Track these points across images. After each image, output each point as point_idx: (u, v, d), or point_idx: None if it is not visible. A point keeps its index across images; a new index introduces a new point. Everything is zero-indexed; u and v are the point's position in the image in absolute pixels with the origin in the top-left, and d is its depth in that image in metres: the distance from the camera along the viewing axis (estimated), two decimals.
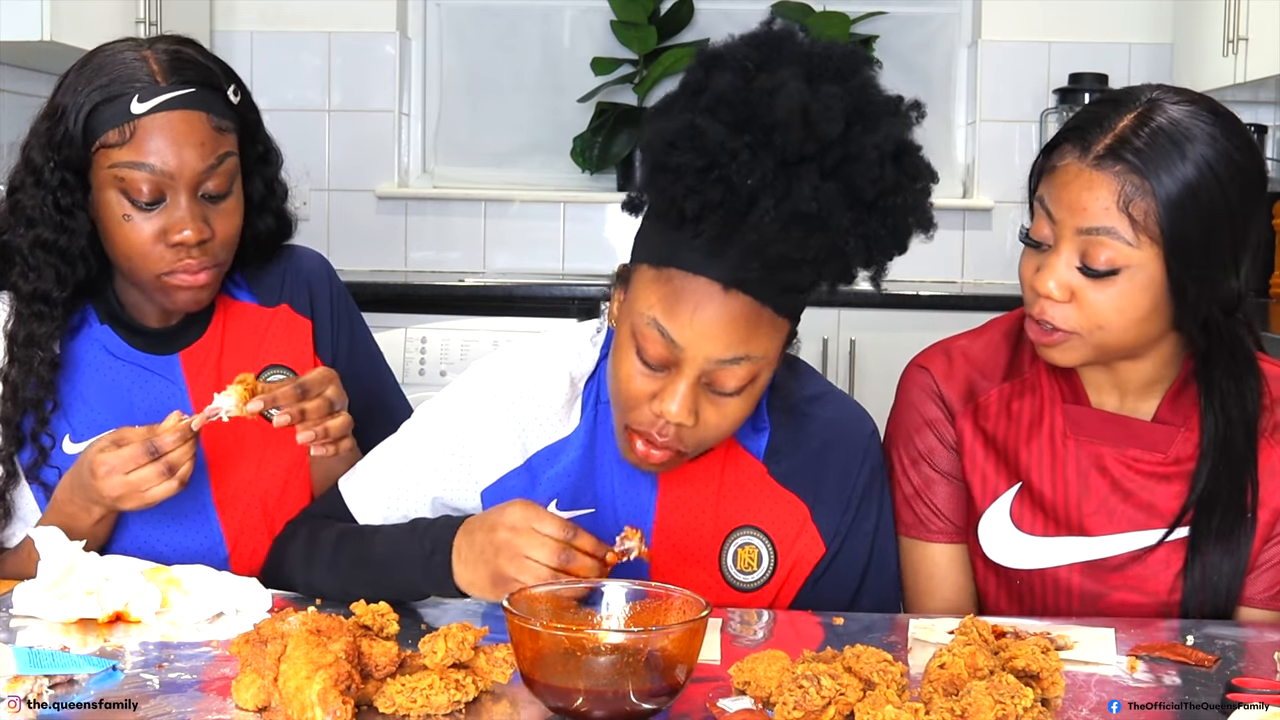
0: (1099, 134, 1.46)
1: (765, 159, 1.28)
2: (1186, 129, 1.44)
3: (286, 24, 4.28)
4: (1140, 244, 1.44)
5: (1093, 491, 1.59)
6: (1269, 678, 1.29)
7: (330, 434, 1.57)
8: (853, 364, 3.61)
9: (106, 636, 1.37)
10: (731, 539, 1.56)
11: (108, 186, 1.58)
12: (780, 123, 1.28)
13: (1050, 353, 1.53)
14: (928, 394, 1.65)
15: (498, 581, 1.37)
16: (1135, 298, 1.46)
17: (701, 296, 1.35)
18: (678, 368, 1.38)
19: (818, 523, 1.57)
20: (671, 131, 1.30)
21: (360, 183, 4.33)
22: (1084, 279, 1.47)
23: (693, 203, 1.29)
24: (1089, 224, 1.45)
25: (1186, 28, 4.02)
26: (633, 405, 1.42)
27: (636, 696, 1.13)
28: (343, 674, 1.12)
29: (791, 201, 1.27)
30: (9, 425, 1.62)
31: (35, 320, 1.63)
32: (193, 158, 1.57)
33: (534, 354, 1.60)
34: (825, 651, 1.24)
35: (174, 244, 1.58)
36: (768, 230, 1.27)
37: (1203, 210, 1.43)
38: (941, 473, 1.65)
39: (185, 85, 1.59)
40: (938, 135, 4.34)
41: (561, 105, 4.39)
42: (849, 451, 1.60)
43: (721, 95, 1.30)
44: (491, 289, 3.72)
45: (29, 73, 3.57)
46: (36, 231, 1.61)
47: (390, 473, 1.59)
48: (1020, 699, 1.11)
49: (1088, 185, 1.45)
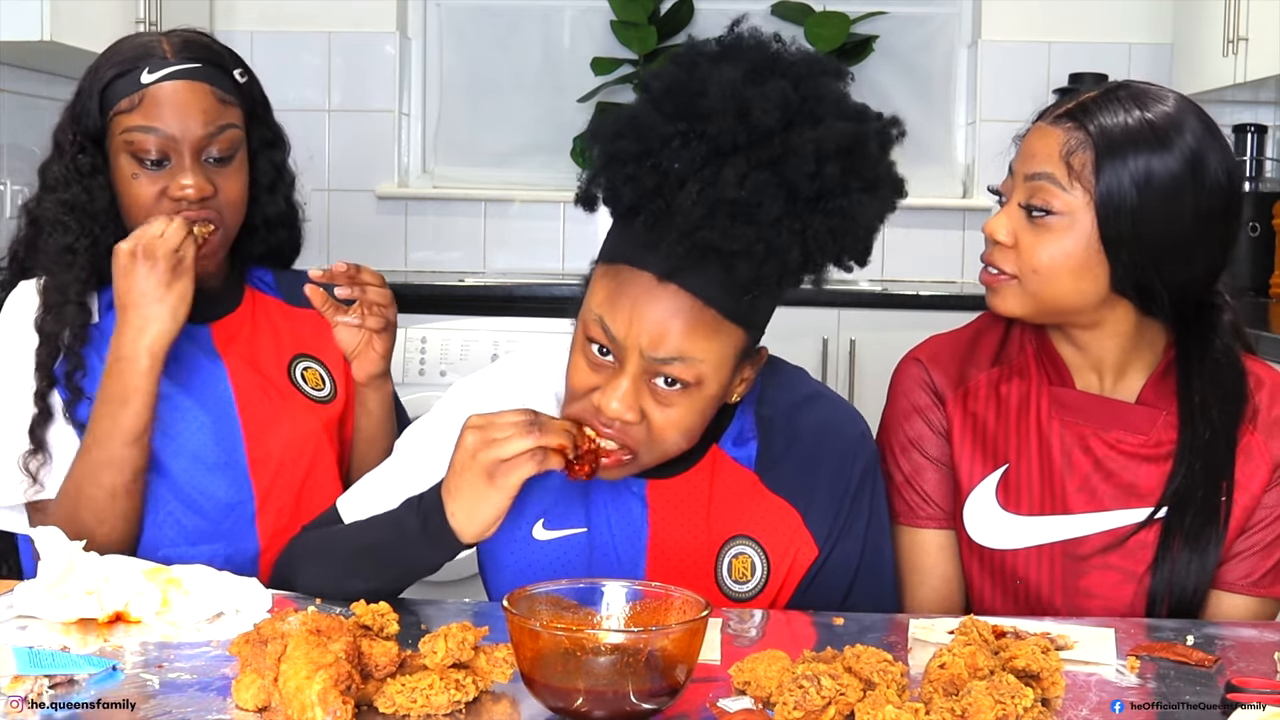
0: (1067, 102, 1.59)
1: (698, 146, 1.31)
2: (1144, 102, 1.55)
3: (286, 24, 4.28)
4: (1073, 191, 1.54)
5: (1076, 469, 1.63)
6: (1269, 678, 1.30)
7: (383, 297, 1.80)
8: (853, 364, 3.61)
9: (106, 636, 1.37)
10: (725, 550, 1.56)
11: (120, 151, 1.72)
12: (714, 111, 1.30)
13: (993, 299, 1.62)
14: (918, 384, 1.70)
15: (489, 474, 1.37)
16: (1067, 246, 1.55)
17: (640, 290, 1.37)
18: (620, 363, 1.40)
19: (810, 526, 1.57)
20: (619, 121, 1.35)
21: (360, 183, 4.33)
22: (1025, 223, 1.57)
23: (630, 190, 1.33)
24: (1034, 169, 1.57)
25: (1186, 28, 4.02)
26: (575, 397, 1.44)
27: (636, 696, 1.13)
28: (343, 674, 1.12)
29: (718, 188, 1.29)
30: (43, 370, 1.71)
31: (63, 270, 1.73)
32: (195, 124, 1.71)
33: (517, 371, 1.62)
34: (825, 651, 1.24)
35: (176, 198, 1.70)
36: (693, 215, 1.29)
37: (1139, 174, 1.51)
38: (931, 459, 1.68)
39: (191, 61, 1.73)
40: (937, 135, 4.34)
41: (561, 105, 4.39)
42: (840, 452, 1.60)
43: (666, 86, 1.35)
44: (491, 289, 3.72)
45: (29, 73, 3.57)
46: (59, 195, 1.75)
47: (385, 491, 1.59)
48: (1020, 699, 1.11)
49: (1041, 137, 1.58)
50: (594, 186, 1.40)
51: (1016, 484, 1.64)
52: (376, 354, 1.83)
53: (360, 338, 1.82)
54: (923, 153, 4.27)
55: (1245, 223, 3.97)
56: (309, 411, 1.82)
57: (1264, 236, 3.97)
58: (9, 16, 3.15)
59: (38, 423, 1.70)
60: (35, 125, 3.52)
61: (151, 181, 1.71)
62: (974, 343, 1.72)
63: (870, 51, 4.28)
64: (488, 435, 1.38)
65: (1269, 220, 3.96)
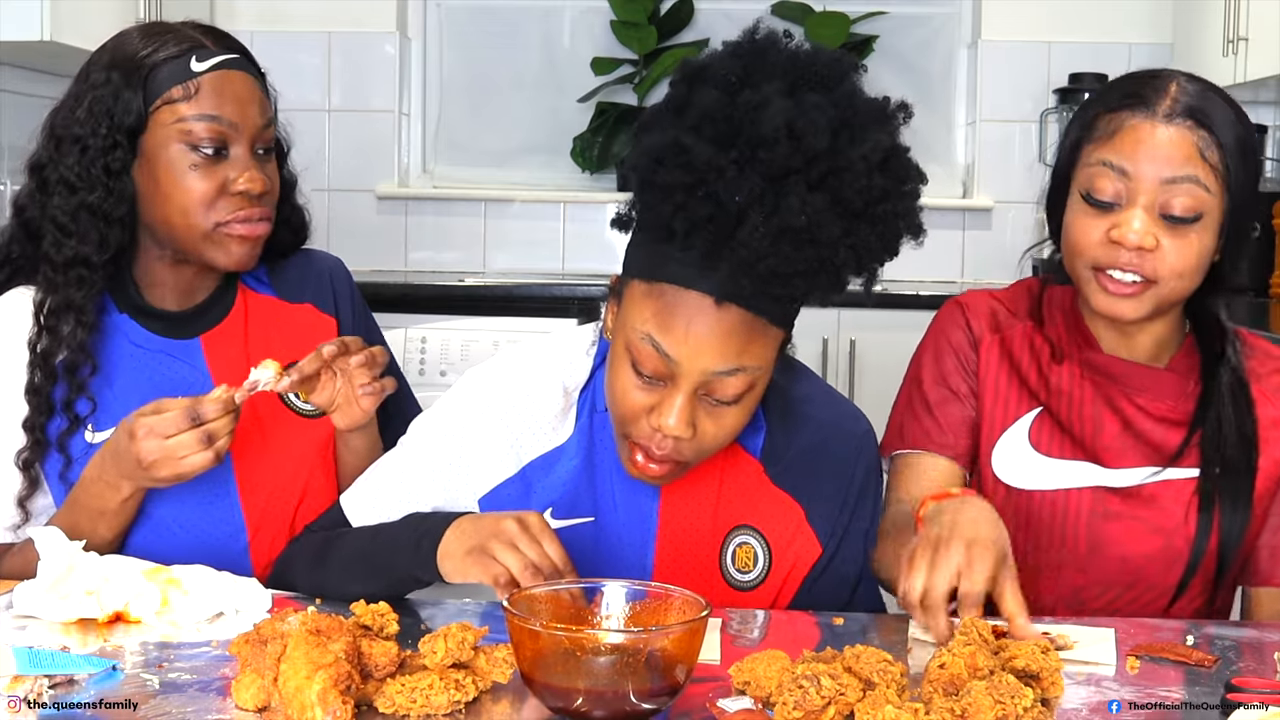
0: (1157, 97, 1.58)
1: (752, 175, 1.28)
2: (1216, 92, 1.60)
3: (286, 24, 4.28)
4: (1212, 190, 1.55)
5: (1106, 428, 1.66)
6: (1269, 678, 1.29)
7: (376, 361, 1.62)
8: (853, 364, 3.61)
9: (106, 636, 1.37)
10: (730, 539, 1.57)
11: (171, 142, 1.62)
12: (766, 138, 1.27)
13: (1123, 305, 1.59)
14: (956, 324, 1.74)
15: (473, 552, 1.38)
16: (1208, 244, 1.57)
17: (694, 311, 1.35)
18: (674, 381, 1.38)
19: (813, 524, 1.58)
20: (658, 148, 1.30)
21: (360, 183, 4.33)
22: (1165, 227, 1.55)
23: (681, 220, 1.30)
24: (1173, 173, 1.55)
25: (1186, 28, 4.02)
26: (630, 419, 1.42)
27: (636, 696, 1.13)
28: (343, 674, 1.12)
29: (780, 216, 1.27)
30: (40, 395, 1.63)
31: (74, 286, 1.63)
32: (254, 112, 1.65)
33: (526, 363, 1.61)
34: (825, 651, 1.24)
35: (236, 193, 1.63)
36: (758, 246, 1.27)
37: (1249, 160, 1.58)
38: (958, 395, 1.71)
39: (233, 51, 1.68)
40: (938, 135, 4.34)
41: (561, 105, 4.39)
42: (844, 452, 1.60)
43: (706, 111, 1.30)
44: (491, 289, 3.72)
45: (29, 73, 3.57)
46: (80, 197, 1.63)
47: (390, 485, 1.60)
48: (1020, 699, 1.11)
49: (1165, 138, 1.56)
50: (633, 210, 1.39)
51: (1050, 426, 1.67)
52: (362, 410, 1.66)
53: (337, 397, 1.65)
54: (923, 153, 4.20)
55: None
56: (301, 432, 1.73)
57: (1264, 236, 3.96)
58: (9, 16, 3.15)
59: (31, 453, 1.63)
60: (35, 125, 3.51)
61: (208, 175, 1.62)
62: (1012, 300, 1.75)
63: (870, 51, 4.27)
64: (513, 537, 1.38)
65: (1269, 220, 3.95)
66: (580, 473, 1.56)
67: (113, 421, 1.64)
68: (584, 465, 1.56)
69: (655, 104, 1.39)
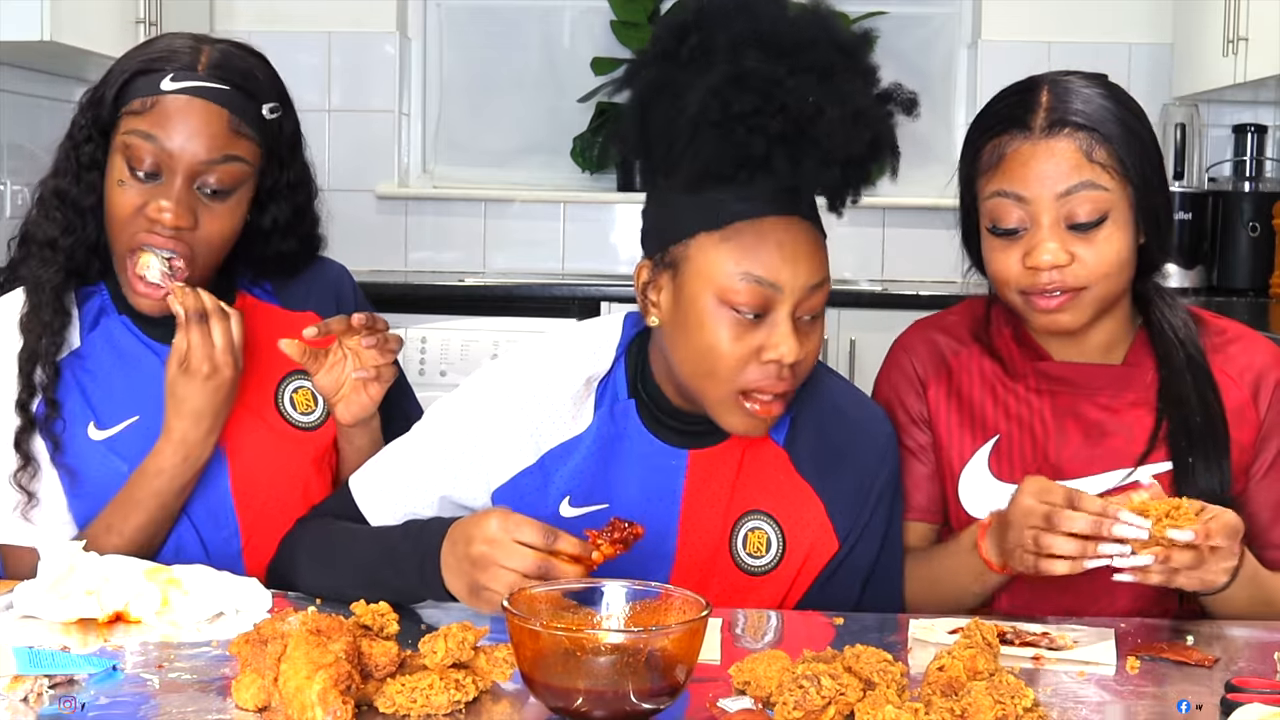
0: (1030, 115, 1.59)
1: (807, 77, 1.40)
2: (1087, 84, 1.61)
3: (286, 24, 4.27)
4: (1110, 186, 1.56)
5: (1069, 438, 1.65)
6: (1269, 678, 1.30)
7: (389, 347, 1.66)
8: (853, 364, 3.61)
9: (106, 636, 1.37)
10: (741, 523, 1.57)
11: (118, 151, 1.62)
12: (806, 40, 1.42)
13: (1062, 318, 1.60)
14: (902, 373, 1.73)
15: (475, 591, 1.37)
16: (1125, 237, 1.58)
17: (780, 233, 1.44)
18: (774, 311, 1.45)
19: (833, 519, 1.58)
20: (715, 86, 1.39)
21: (360, 183, 4.33)
22: (1076, 237, 1.57)
23: (758, 142, 1.38)
24: (1066, 185, 1.56)
25: (1186, 28, 4.02)
26: (740, 368, 1.46)
27: (636, 696, 1.13)
28: (343, 674, 1.12)
29: (844, 105, 1.40)
30: (26, 377, 1.63)
31: (38, 263, 1.65)
32: (198, 146, 1.59)
33: (547, 353, 1.61)
34: (825, 651, 1.24)
35: (151, 219, 1.59)
36: (836, 135, 1.39)
37: (1138, 140, 1.59)
38: (914, 451, 1.70)
39: (220, 81, 1.62)
40: (938, 135, 4.33)
41: (561, 105, 4.39)
42: (869, 452, 1.61)
43: (746, 38, 1.41)
44: (491, 289, 3.72)
45: (29, 73, 3.57)
46: (56, 181, 1.66)
47: (400, 471, 1.60)
48: (1020, 699, 1.11)
49: (1048, 154, 1.57)
50: (685, 159, 1.43)
51: (1009, 452, 1.66)
52: (368, 399, 1.67)
53: (345, 383, 1.66)
54: (923, 153, 4.25)
55: (1245, 223, 3.98)
56: (297, 444, 1.72)
57: (1264, 236, 3.97)
58: (9, 16, 3.15)
59: (22, 433, 1.62)
60: (35, 125, 3.52)
61: (136, 193, 1.59)
62: (956, 324, 1.75)
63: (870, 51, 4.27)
64: (495, 559, 1.34)
65: (1269, 220, 3.96)
66: (596, 461, 1.56)
67: (114, 420, 1.66)
68: (600, 453, 1.56)
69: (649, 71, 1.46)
